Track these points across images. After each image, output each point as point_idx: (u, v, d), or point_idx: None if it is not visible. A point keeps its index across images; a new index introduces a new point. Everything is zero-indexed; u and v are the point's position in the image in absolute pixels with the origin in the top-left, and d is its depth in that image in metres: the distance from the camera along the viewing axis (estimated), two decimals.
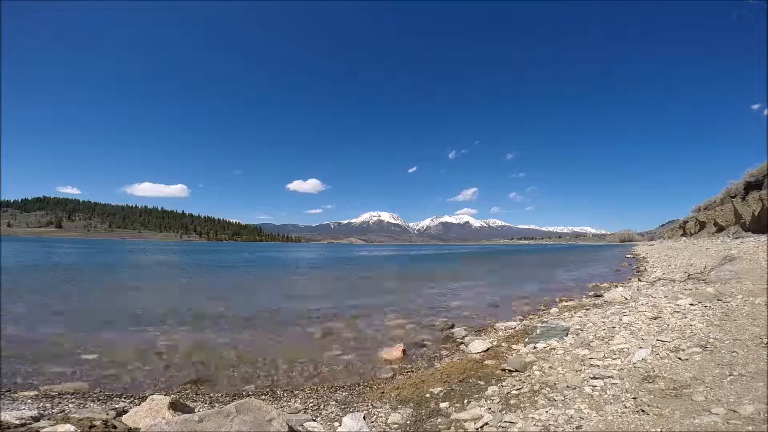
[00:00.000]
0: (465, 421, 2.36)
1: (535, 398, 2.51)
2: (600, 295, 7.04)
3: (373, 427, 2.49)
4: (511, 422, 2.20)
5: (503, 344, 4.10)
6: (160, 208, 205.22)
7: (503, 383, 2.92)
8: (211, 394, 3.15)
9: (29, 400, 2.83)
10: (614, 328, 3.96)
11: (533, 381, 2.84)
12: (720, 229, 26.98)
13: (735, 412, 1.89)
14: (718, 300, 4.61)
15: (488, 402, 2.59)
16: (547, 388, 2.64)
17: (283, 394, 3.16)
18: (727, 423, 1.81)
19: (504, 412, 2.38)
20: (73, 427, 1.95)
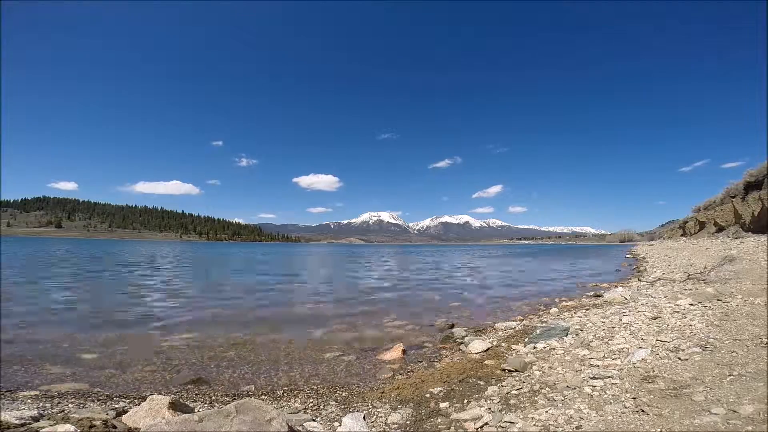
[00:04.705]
0: (465, 421, 2.36)
1: (535, 398, 2.51)
2: (600, 295, 7.04)
3: (373, 427, 2.49)
4: (510, 422, 2.20)
5: (503, 344, 4.10)
6: (159, 208, 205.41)
7: (503, 383, 2.92)
8: (211, 394, 3.15)
9: (29, 400, 2.83)
10: (614, 328, 3.97)
11: (533, 381, 2.84)
12: (720, 229, 27.00)
13: (735, 412, 1.90)
14: (718, 300, 4.62)
15: (488, 402, 2.59)
16: (547, 388, 2.64)
17: (283, 394, 3.16)
18: (727, 423, 1.81)
19: (504, 412, 2.38)
20: (73, 427, 1.95)
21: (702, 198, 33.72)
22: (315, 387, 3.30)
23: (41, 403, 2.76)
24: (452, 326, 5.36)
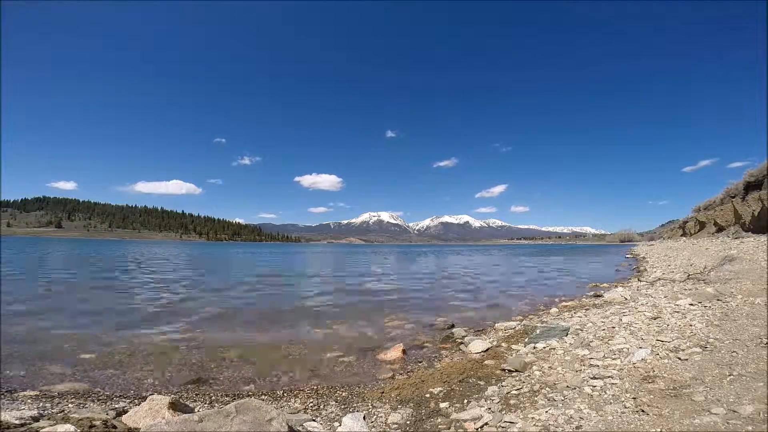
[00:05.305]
0: (465, 421, 2.36)
1: (535, 398, 2.51)
2: (600, 295, 7.04)
3: (373, 427, 2.49)
4: (510, 422, 2.20)
5: (503, 344, 4.10)
6: (159, 208, 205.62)
7: (503, 383, 2.92)
8: (211, 394, 3.15)
9: (29, 400, 2.83)
10: (614, 328, 3.97)
11: (533, 381, 2.84)
12: (720, 229, 27.00)
13: (735, 412, 1.90)
14: (718, 300, 4.62)
15: (488, 402, 2.60)
16: (547, 388, 2.64)
17: (283, 394, 3.16)
18: (727, 423, 1.81)
19: (504, 412, 2.38)
20: (73, 427, 1.95)
21: (702, 198, 33.66)
22: (315, 387, 3.30)
23: (41, 403, 2.76)
24: (452, 326, 5.35)
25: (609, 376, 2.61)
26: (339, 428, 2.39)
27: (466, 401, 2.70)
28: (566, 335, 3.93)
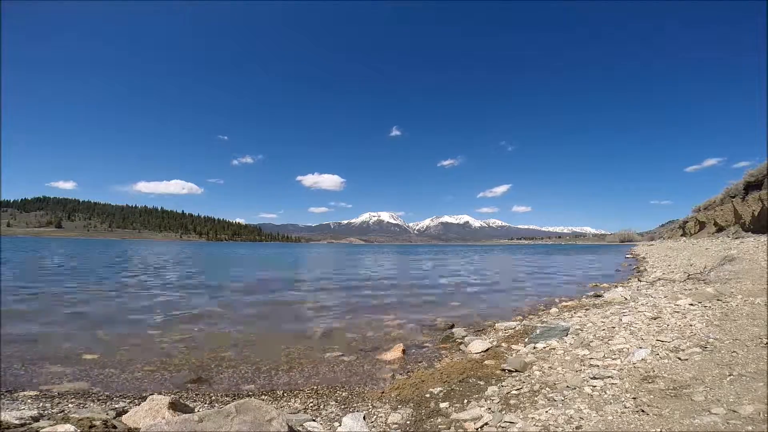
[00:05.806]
0: (465, 421, 2.36)
1: (535, 398, 2.51)
2: (600, 295, 7.04)
3: (373, 427, 2.49)
4: (510, 422, 2.20)
5: (503, 344, 4.10)
6: (159, 208, 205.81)
7: (503, 383, 2.92)
8: (211, 394, 3.15)
9: (29, 400, 2.83)
10: (614, 328, 3.97)
11: (533, 381, 2.84)
12: (720, 229, 27.00)
13: (735, 412, 1.90)
14: (718, 300, 4.62)
15: (488, 402, 2.60)
16: (547, 388, 2.64)
17: (283, 394, 3.16)
18: (727, 423, 1.81)
19: (504, 412, 2.38)
20: (73, 427, 1.95)
21: (702, 198, 33.67)
22: (315, 387, 3.31)
23: (41, 403, 2.76)
24: (452, 326, 5.36)
25: (609, 376, 2.61)
26: (339, 428, 2.39)
27: (466, 401, 2.70)
28: (566, 335, 3.93)
